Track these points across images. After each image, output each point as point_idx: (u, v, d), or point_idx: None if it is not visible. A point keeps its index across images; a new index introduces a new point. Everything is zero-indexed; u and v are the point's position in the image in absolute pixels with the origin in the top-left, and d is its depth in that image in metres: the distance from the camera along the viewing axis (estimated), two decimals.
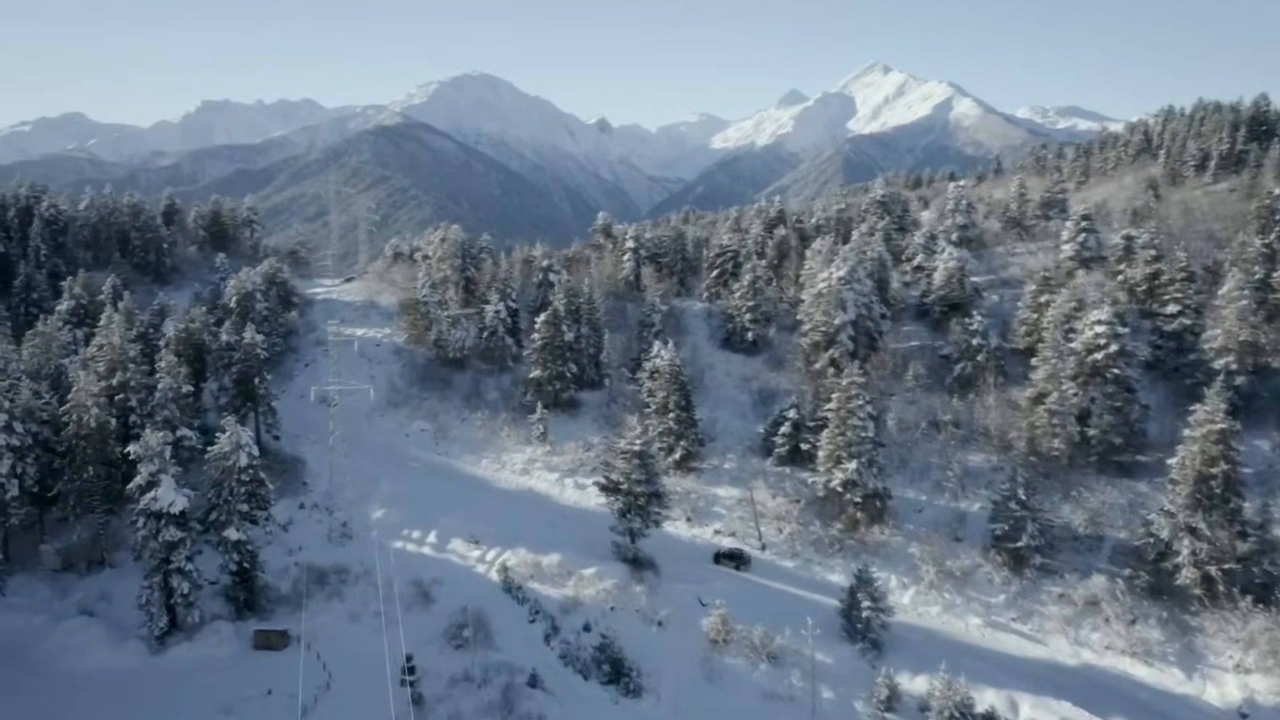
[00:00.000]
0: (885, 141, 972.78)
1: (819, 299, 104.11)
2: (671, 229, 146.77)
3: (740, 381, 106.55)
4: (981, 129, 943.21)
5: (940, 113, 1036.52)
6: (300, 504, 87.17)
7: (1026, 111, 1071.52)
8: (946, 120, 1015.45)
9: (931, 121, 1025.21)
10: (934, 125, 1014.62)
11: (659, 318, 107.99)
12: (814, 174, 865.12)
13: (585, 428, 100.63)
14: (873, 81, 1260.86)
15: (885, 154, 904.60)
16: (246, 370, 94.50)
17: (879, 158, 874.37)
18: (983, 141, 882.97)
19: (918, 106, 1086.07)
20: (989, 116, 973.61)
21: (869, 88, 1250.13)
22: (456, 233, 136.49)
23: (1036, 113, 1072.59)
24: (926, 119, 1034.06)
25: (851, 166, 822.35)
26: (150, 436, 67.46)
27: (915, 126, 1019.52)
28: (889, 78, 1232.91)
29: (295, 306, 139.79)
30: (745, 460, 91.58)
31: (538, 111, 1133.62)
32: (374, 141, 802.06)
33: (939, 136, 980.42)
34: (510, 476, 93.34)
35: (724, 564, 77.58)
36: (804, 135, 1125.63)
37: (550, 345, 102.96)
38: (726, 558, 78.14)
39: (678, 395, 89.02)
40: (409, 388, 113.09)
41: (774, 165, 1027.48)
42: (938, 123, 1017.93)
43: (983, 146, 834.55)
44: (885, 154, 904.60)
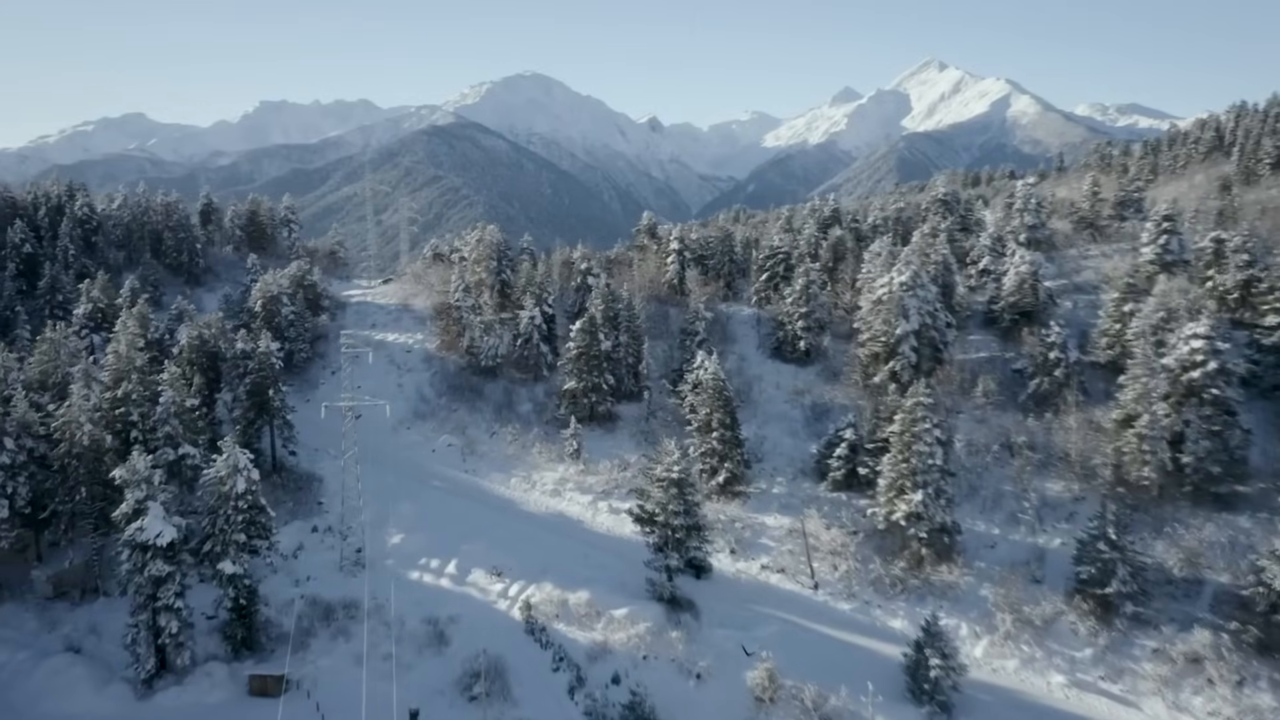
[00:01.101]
0: (940, 139, 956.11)
1: (878, 306, 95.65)
2: (719, 229, 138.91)
3: (791, 395, 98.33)
4: (1040, 127, 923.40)
5: (997, 110, 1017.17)
6: (313, 527, 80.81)
7: (1085, 109, 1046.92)
8: (1004, 118, 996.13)
9: (988, 119, 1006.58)
10: (991, 123, 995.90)
11: (703, 325, 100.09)
12: (867, 172, 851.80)
13: (622, 444, 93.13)
14: (928, 78, 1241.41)
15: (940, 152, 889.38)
16: (260, 381, 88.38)
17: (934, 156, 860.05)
18: (1041, 139, 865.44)
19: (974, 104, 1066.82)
20: (1047, 114, 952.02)
21: (924, 85, 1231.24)
22: (493, 233, 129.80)
23: (1096, 110, 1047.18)
24: (983, 116, 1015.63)
25: (906, 165, 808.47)
26: (137, 459, 61.17)
27: (971, 124, 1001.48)
28: (945, 74, 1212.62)
29: (326, 310, 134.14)
30: (796, 485, 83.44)
31: (589, 111, 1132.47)
32: (427, 141, 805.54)
33: (996, 134, 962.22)
34: (540, 498, 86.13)
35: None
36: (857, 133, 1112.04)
37: (586, 355, 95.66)
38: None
39: (722, 412, 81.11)
40: (438, 398, 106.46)
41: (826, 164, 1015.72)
42: (994, 120, 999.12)
43: (1041, 145, 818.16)
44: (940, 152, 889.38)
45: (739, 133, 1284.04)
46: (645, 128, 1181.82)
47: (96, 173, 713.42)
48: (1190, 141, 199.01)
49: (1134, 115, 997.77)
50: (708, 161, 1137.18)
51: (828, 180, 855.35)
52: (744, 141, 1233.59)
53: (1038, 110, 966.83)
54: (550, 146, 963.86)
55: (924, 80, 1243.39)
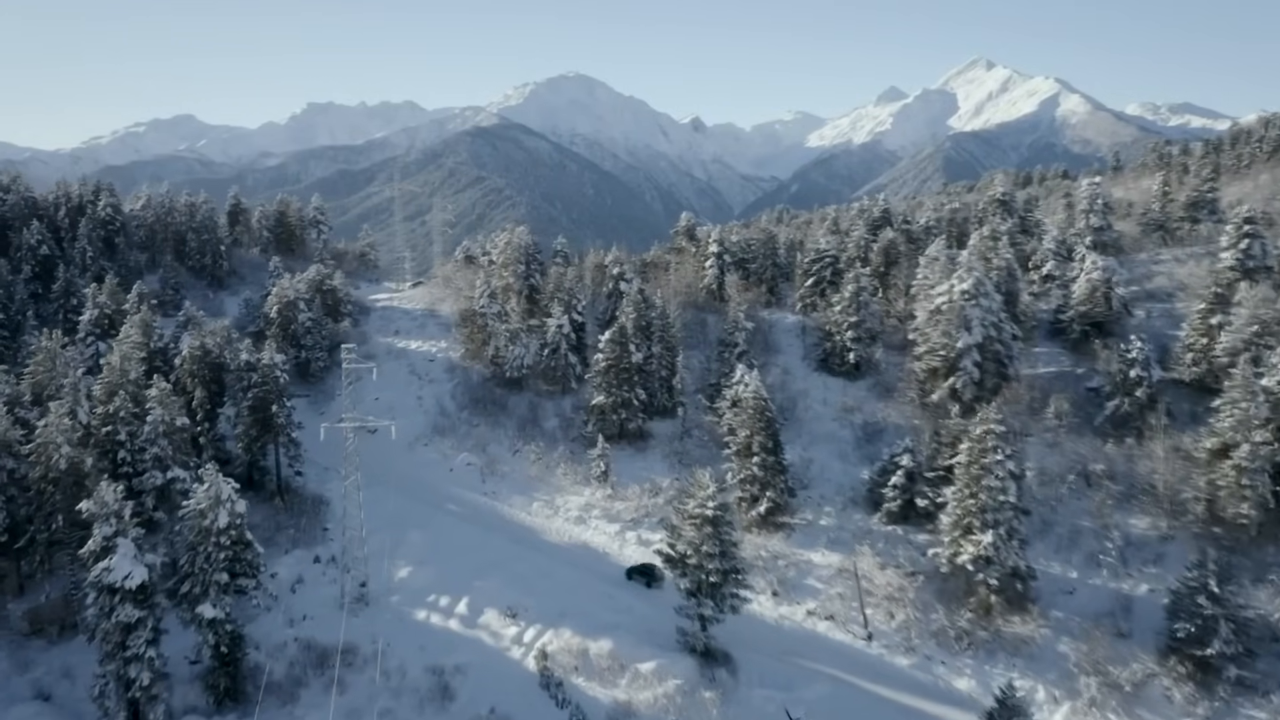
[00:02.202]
0: (988, 139, 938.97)
1: (936, 316, 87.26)
2: (761, 231, 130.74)
3: (840, 413, 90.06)
4: (1089, 126, 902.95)
5: (1046, 109, 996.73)
6: (315, 557, 74.03)
7: (1136, 108, 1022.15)
8: (1052, 117, 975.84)
9: (1037, 118, 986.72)
10: (1039, 122, 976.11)
11: (744, 336, 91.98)
12: (912, 172, 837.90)
13: (653, 465, 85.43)
14: (975, 77, 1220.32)
15: (988, 152, 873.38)
16: (264, 396, 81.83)
17: (981, 156, 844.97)
18: (1090, 139, 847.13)
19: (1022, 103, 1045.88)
20: (1098, 113, 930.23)
21: (971, 84, 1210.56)
22: (522, 235, 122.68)
23: (1147, 109, 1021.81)
24: (1031, 116, 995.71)
25: (952, 165, 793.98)
26: (106, 489, 54.57)
27: (1019, 124, 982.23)
28: (992, 73, 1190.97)
29: (348, 315, 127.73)
30: (846, 516, 75.25)
31: (632, 111, 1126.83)
32: (471, 142, 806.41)
33: (1044, 134, 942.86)
34: (563, 526, 78.69)
35: (635, 580, 69.81)
36: (903, 133, 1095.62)
37: (615, 367, 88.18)
38: (638, 573, 70.15)
39: (763, 435, 73.18)
40: (459, 412, 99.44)
41: (871, 163, 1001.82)
42: (1043, 120, 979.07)
43: (1090, 144, 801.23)
44: (988, 152, 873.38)
45: (782, 132, 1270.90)
46: (688, 128, 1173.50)
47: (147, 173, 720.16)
48: (1254, 140, 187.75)
49: (1186, 115, 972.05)
50: (750, 161, 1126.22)
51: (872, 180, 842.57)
52: (787, 141, 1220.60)
53: (1087, 109, 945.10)
54: (593, 147, 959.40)
55: (971, 79, 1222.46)
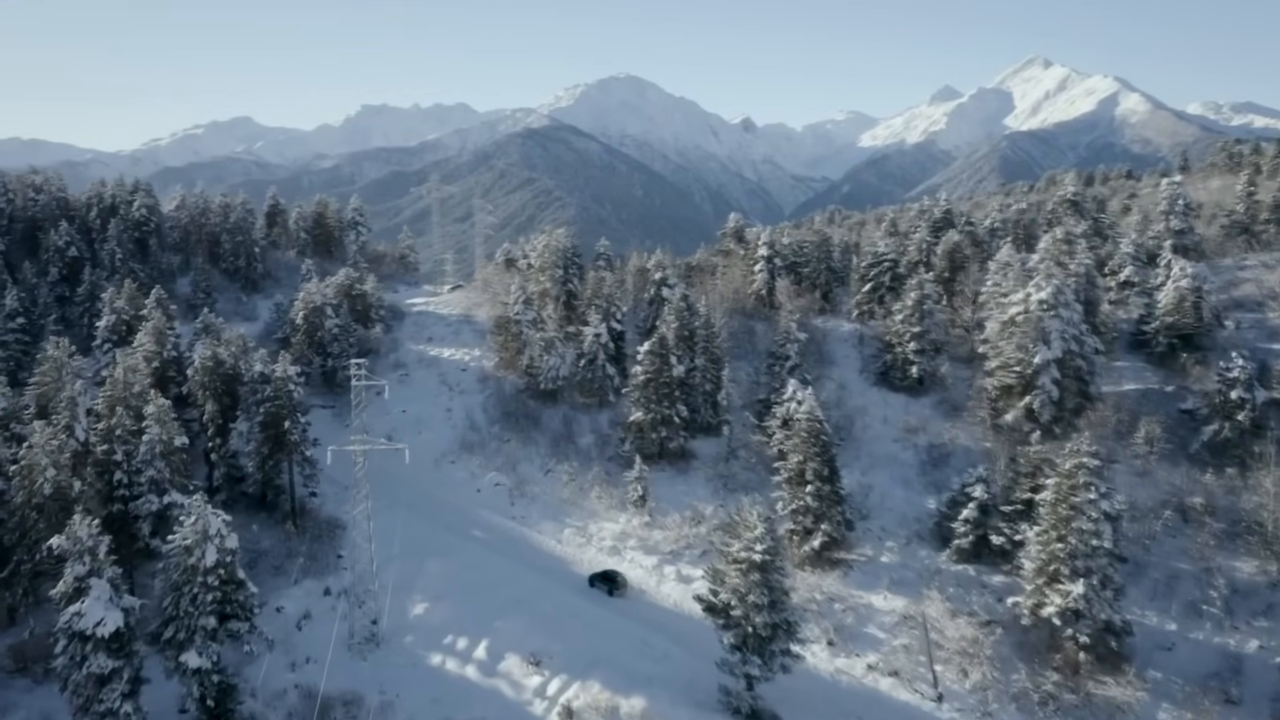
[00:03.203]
0: (1045, 138, 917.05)
1: (1010, 328, 79.04)
2: (814, 233, 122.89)
3: (902, 433, 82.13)
4: (1150, 125, 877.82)
5: (1105, 108, 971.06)
6: (325, 589, 67.92)
7: (1198, 107, 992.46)
8: (1111, 116, 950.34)
9: (1095, 118, 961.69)
10: (1098, 121, 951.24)
11: (795, 348, 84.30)
12: (967, 172, 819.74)
13: (696, 489, 78.15)
14: (1032, 76, 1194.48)
15: (1045, 151, 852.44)
16: (276, 411, 75.97)
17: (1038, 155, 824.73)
18: (1151, 139, 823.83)
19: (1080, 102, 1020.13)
20: (1158, 112, 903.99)
21: (1028, 82, 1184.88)
22: (561, 237, 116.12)
23: (1209, 108, 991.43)
24: (1090, 115, 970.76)
25: (1008, 164, 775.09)
26: (78, 524, 48.77)
27: (1077, 123, 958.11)
28: (1049, 72, 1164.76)
29: (379, 321, 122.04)
30: (911, 552, 67.47)
31: (682, 112, 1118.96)
32: (521, 144, 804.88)
33: (1103, 133, 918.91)
34: (596, 557, 71.72)
35: (598, 587, 67.04)
36: (957, 132, 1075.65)
37: (655, 381, 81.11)
38: (601, 580, 67.54)
39: (818, 461, 65.67)
40: (489, 426, 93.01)
41: (925, 163, 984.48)
42: (1102, 119, 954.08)
43: (1151, 144, 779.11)
44: (1045, 151, 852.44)
45: (834, 132, 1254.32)
46: (738, 128, 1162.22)
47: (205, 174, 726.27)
48: None
49: (1249, 114, 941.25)
50: (801, 162, 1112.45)
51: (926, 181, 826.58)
52: (839, 141, 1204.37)
53: (1148, 108, 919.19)
54: (642, 148, 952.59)
55: (1027, 78, 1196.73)
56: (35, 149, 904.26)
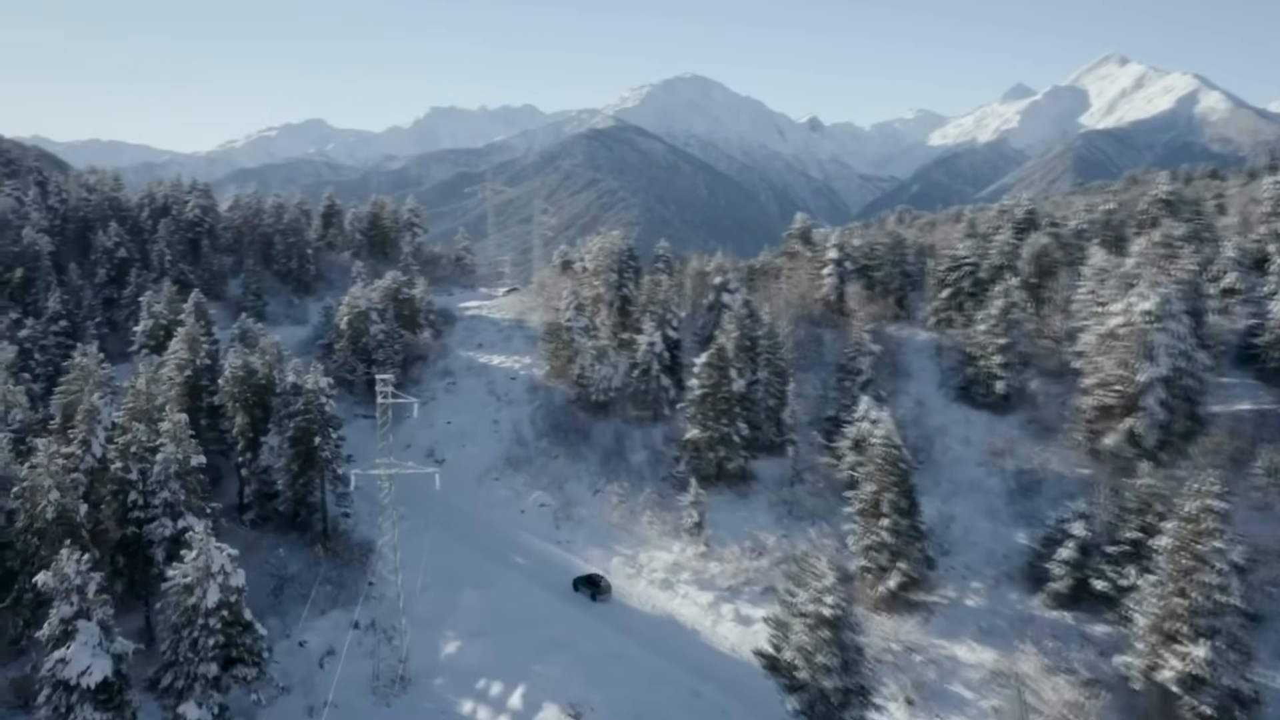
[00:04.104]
0: (1121, 137, 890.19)
1: (1109, 341, 71.03)
2: (887, 234, 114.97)
3: (987, 456, 74.40)
4: (1230, 124, 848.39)
5: (1184, 106, 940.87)
6: (354, 621, 62.52)
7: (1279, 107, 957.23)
8: (1190, 115, 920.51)
9: (1173, 116, 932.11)
10: (1176, 120, 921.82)
11: (868, 362, 77.03)
12: (1041, 172, 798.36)
13: (757, 516, 71.32)
14: (1108, 73, 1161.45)
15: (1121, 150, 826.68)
16: (307, 426, 70.96)
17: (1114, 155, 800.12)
18: (1231, 138, 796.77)
19: (1158, 100, 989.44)
20: (1239, 111, 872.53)
21: (1103, 80, 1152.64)
22: (616, 239, 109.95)
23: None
24: (1168, 113, 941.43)
25: (1083, 164, 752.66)
26: (65, 560, 43.80)
27: (1155, 121, 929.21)
28: (1126, 69, 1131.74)
29: (429, 326, 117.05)
30: (999, 595, 59.98)
31: (748, 112, 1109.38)
32: (586, 145, 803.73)
33: (1181, 132, 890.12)
34: (646, 590, 65.39)
35: (581, 590, 65.12)
36: (1030, 131, 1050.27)
37: (713, 396, 74.48)
38: (585, 583, 65.50)
39: (895, 491, 58.55)
40: (537, 440, 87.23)
41: (996, 163, 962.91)
42: (1180, 117, 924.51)
43: (1231, 143, 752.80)
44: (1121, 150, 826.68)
45: (903, 131, 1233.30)
46: (805, 127, 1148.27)
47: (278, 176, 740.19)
48: None
49: None
50: (869, 161, 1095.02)
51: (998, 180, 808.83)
52: (908, 140, 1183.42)
53: (1228, 107, 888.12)
54: (707, 148, 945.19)
55: (1103, 75, 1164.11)
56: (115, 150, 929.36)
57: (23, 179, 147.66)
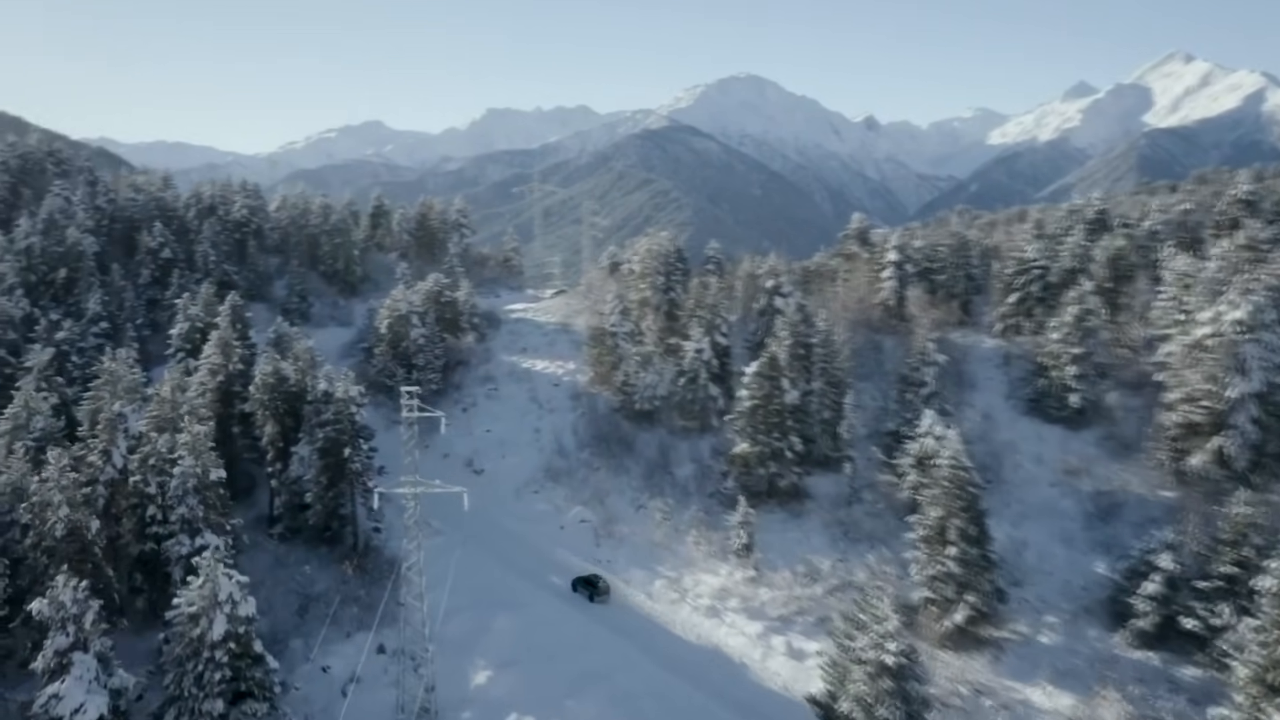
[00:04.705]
0: (1186, 136, 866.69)
1: (1195, 352, 65.37)
2: (950, 235, 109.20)
3: (1060, 475, 68.97)
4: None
5: (1251, 105, 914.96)
6: (380, 646, 59.07)
7: None
8: (1258, 113, 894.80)
9: (1240, 114, 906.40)
10: (1243, 118, 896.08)
11: (932, 372, 71.97)
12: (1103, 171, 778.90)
13: (810, 538, 66.69)
14: (1172, 71, 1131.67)
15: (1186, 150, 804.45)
16: (336, 438, 67.75)
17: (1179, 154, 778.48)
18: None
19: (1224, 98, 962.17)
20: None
21: (1168, 78, 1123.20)
22: (664, 240, 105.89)
23: None
24: (1234, 111, 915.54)
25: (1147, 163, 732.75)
26: (62, 588, 40.78)
27: (1221, 120, 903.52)
28: (1191, 67, 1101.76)
29: (473, 330, 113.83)
30: (1077, 631, 54.76)
31: (803, 111, 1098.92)
32: (640, 145, 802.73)
33: (1249, 130, 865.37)
34: (690, 618, 61.13)
35: (580, 592, 63.98)
36: (1092, 130, 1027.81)
37: (764, 408, 70.02)
38: (583, 584, 64.30)
39: (963, 517, 53.67)
40: (579, 451, 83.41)
41: (1058, 162, 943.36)
42: (1248, 116, 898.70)
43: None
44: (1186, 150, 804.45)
45: (961, 130, 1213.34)
46: (861, 127, 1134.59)
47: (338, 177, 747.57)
48: None
49: None
50: (926, 160, 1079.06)
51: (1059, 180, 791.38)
52: (967, 139, 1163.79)
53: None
54: (761, 147, 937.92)
55: (1167, 73, 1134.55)
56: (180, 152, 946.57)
57: (73, 179, 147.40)
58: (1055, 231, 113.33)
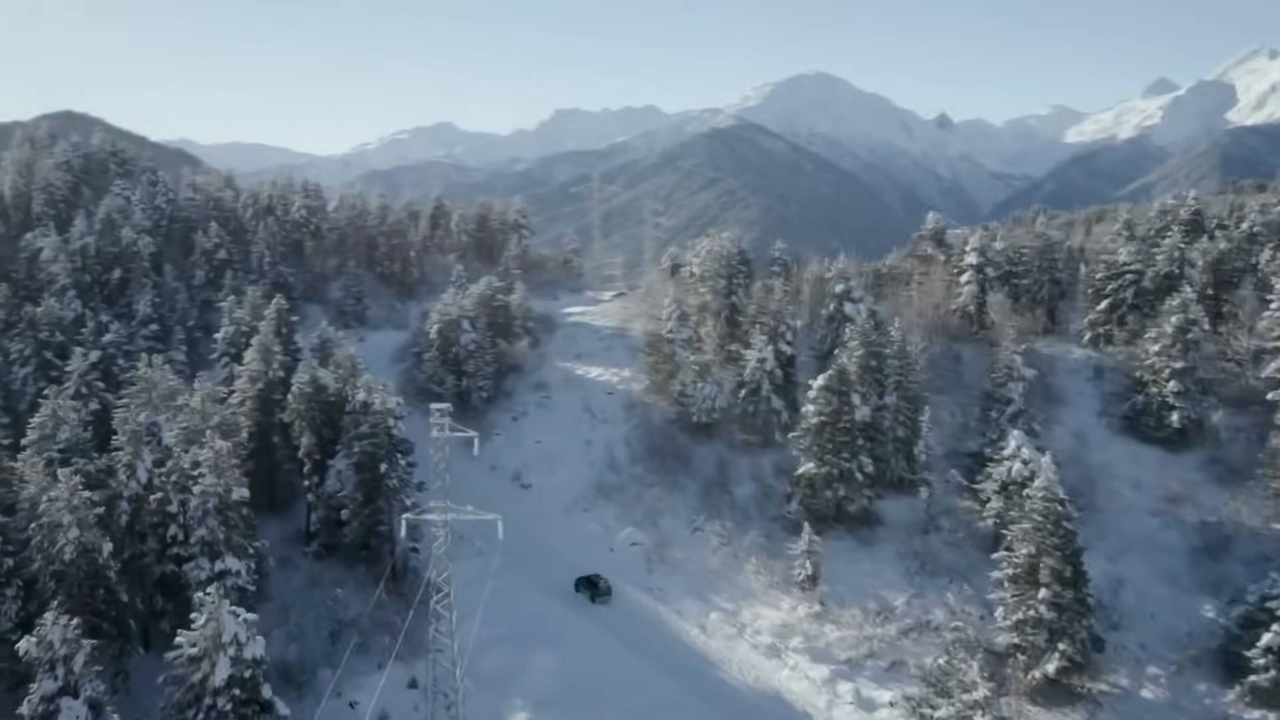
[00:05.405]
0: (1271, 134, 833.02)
1: None
2: (1035, 235, 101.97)
3: (1162, 503, 62.28)
4: None
5: None
6: (411, 680, 54.89)
7: None
8: None
9: None
10: None
11: (1020, 389, 65.61)
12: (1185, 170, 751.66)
13: (882, 570, 60.93)
14: (1257, 67, 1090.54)
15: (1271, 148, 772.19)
16: (372, 453, 63.86)
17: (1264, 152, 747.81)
18: None
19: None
20: None
21: (1252, 74, 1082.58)
22: (726, 241, 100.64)
23: None
24: None
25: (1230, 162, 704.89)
26: (51, 627, 37.10)
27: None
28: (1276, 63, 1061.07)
29: (527, 334, 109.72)
30: (1183, 684, 48.42)
31: (873, 109, 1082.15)
32: (707, 145, 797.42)
33: None
34: (749, 657, 55.86)
35: (582, 592, 62.84)
36: (1174, 127, 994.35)
37: (831, 426, 64.47)
38: (585, 584, 63.11)
39: (1058, 557, 47.61)
40: (632, 465, 78.62)
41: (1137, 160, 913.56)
42: None
43: None
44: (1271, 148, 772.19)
45: (1037, 128, 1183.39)
46: (933, 125, 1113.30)
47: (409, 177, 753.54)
48: None
49: None
50: (1001, 158, 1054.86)
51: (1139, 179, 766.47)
52: (1043, 137, 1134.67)
53: None
54: (830, 146, 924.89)
55: (1252, 69, 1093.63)
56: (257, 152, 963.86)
57: (134, 179, 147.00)
58: (1147, 233, 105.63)
